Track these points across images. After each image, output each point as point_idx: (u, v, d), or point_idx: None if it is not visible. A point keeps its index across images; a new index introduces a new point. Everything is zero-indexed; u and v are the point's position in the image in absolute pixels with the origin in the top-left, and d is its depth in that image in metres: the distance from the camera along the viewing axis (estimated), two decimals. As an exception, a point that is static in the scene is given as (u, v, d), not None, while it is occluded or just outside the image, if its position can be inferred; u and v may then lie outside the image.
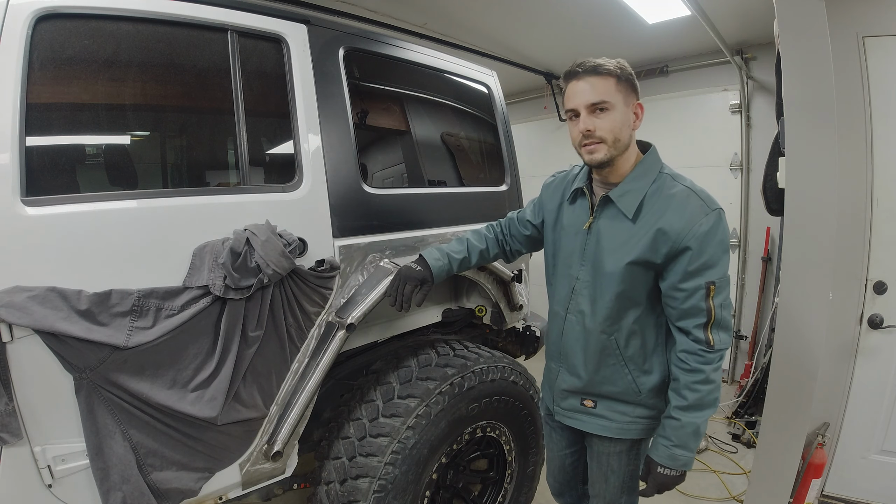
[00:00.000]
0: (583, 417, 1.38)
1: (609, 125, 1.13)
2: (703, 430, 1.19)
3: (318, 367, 1.47)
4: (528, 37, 3.57)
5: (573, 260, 1.30)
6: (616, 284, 1.20)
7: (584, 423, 1.38)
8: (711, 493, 2.56)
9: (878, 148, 2.00)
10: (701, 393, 1.15)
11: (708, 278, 1.11)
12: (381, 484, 1.49)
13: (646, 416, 1.31)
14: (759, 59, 3.65)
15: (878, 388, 2.08)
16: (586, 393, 1.34)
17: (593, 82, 1.12)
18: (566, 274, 1.33)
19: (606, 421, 1.33)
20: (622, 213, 1.19)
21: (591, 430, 1.36)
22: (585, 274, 1.27)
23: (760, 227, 3.80)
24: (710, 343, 1.14)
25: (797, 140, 1.66)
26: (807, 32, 1.59)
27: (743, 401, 3.29)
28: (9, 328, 1.03)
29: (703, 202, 1.13)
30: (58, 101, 1.17)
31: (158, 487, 1.23)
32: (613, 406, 1.32)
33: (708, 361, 1.15)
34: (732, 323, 1.20)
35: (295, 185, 1.46)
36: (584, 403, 1.36)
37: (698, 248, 1.10)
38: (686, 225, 1.11)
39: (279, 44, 1.48)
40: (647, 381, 1.28)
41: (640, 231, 1.16)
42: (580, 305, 1.29)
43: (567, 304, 1.32)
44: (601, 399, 1.33)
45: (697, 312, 1.14)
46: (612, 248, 1.20)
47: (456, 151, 2.21)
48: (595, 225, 1.25)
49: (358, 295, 1.55)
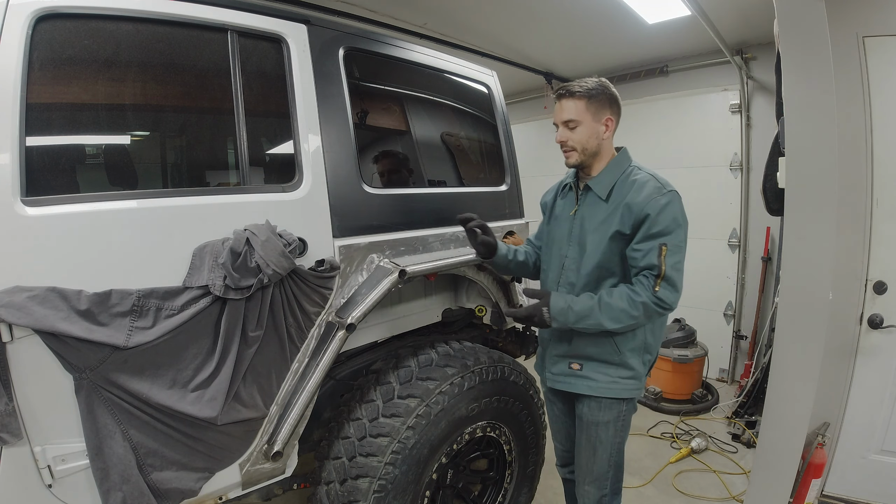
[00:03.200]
0: (570, 380, 1.59)
1: (578, 137, 1.48)
2: (585, 325, 1.45)
3: (318, 367, 1.47)
4: (528, 37, 3.57)
5: (563, 242, 1.59)
6: (596, 256, 1.49)
7: (572, 385, 1.58)
8: (711, 493, 2.56)
9: (878, 148, 2.00)
10: (619, 305, 1.41)
11: (661, 241, 1.38)
12: (381, 484, 1.49)
13: (627, 377, 1.52)
14: (759, 59, 3.65)
15: (878, 388, 2.08)
16: (573, 356, 1.57)
17: (568, 104, 1.47)
18: (557, 254, 1.60)
19: (591, 381, 1.54)
20: (598, 196, 1.50)
21: (579, 391, 1.56)
22: (573, 252, 1.55)
23: (760, 227, 3.80)
24: (655, 288, 1.39)
25: (797, 140, 1.66)
26: (807, 32, 1.59)
27: (743, 401, 3.29)
28: (9, 328, 1.03)
29: (661, 185, 1.43)
30: (58, 101, 1.17)
31: (158, 487, 1.23)
32: (597, 367, 1.53)
33: (645, 298, 1.39)
34: (680, 287, 1.41)
35: (295, 185, 1.46)
36: (571, 366, 1.58)
37: (655, 215, 1.38)
38: (645, 199, 1.40)
39: (279, 44, 1.48)
40: (626, 342, 1.50)
41: (612, 209, 1.46)
42: (569, 278, 1.56)
43: (559, 278, 1.59)
44: (586, 361, 1.55)
45: (651, 267, 1.40)
46: (594, 228, 1.50)
47: (456, 151, 2.21)
48: (579, 211, 1.56)
49: (358, 295, 1.55)
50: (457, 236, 1.90)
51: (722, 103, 3.85)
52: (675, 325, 3.72)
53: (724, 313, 4.04)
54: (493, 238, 1.66)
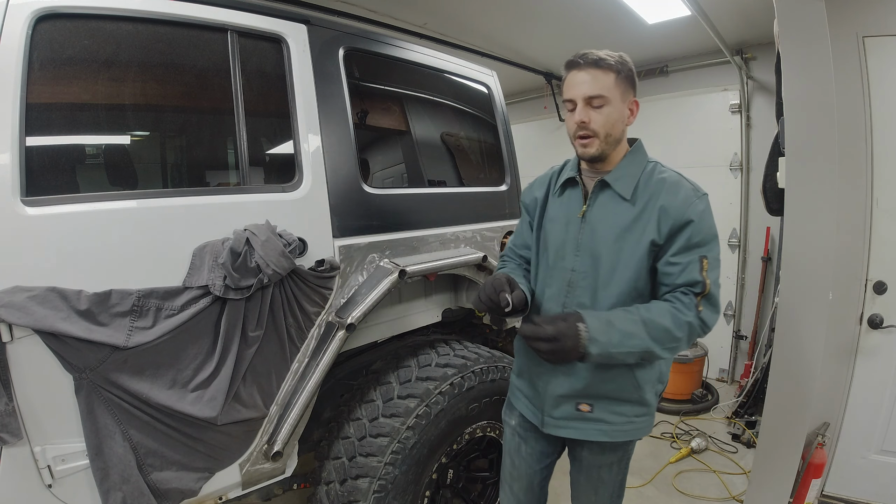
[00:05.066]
0: (578, 424, 1.27)
1: (603, 119, 1.14)
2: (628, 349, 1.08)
3: (318, 367, 1.47)
4: (528, 37, 3.57)
5: (566, 251, 1.24)
6: (628, 273, 1.17)
7: (579, 431, 1.27)
8: (711, 493, 2.56)
9: (878, 148, 2.00)
10: (662, 323, 1.09)
11: (702, 252, 1.12)
12: (380, 484, 1.49)
13: (642, 415, 1.27)
14: (759, 59, 3.65)
15: (878, 388, 2.08)
16: (584, 395, 1.24)
17: (594, 75, 1.13)
18: (559, 267, 1.25)
19: (604, 424, 1.25)
20: (619, 195, 1.18)
21: (589, 438, 1.27)
22: (582, 264, 1.21)
23: (760, 227, 3.79)
24: (698, 308, 1.11)
25: (797, 140, 1.66)
26: (807, 32, 1.59)
27: (743, 401, 3.28)
28: (9, 328, 1.03)
29: (693, 186, 1.19)
30: (58, 101, 1.17)
31: (158, 487, 1.23)
32: (612, 407, 1.24)
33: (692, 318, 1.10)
34: (720, 310, 1.18)
35: (295, 185, 1.46)
36: (579, 408, 1.26)
37: (699, 222, 1.12)
38: (684, 202, 1.14)
39: (279, 44, 1.48)
40: (646, 375, 1.24)
41: (639, 212, 1.17)
42: (579, 298, 1.21)
43: (563, 298, 1.24)
44: (599, 400, 1.24)
45: (693, 284, 1.12)
46: (615, 235, 1.17)
47: (456, 151, 2.21)
48: (589, 213, 1.22)
49: (358, 295, 1.55)
50: (457, 236, 1.90)
51: (722, 103, 3.84)
52: (675, 325, 3.72)
53: (724, 313, 4.04)
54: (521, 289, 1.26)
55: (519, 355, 1.43)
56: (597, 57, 1.13)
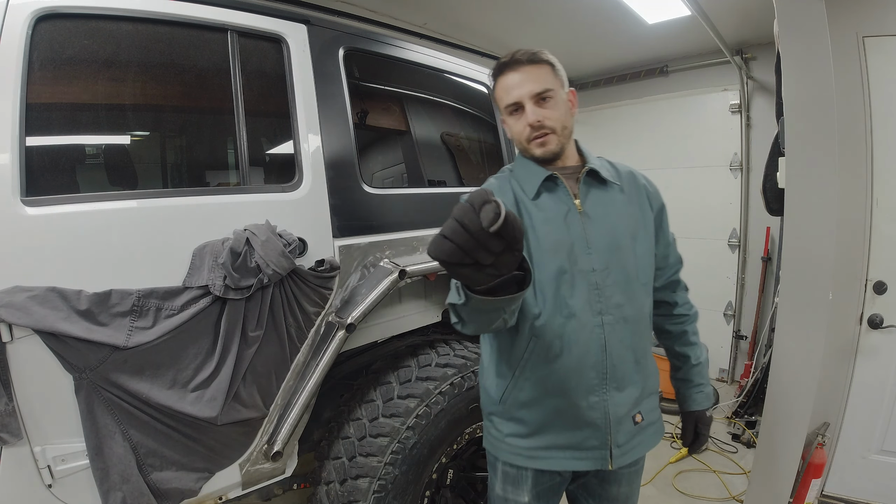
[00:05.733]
0: (640, 439, 1.15)
1: (557, 113, 1.08)
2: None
3: (318, 367, 1.47)
4: (528, 37, 3.57)
5: (576, 252, 1.07)
6: (648, 261, 1.14)
7: (642, 445, 1.16)
8: (711, 493, 2.56)
9: (878, 148, 2.00)
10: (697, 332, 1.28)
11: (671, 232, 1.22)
12: (380, 484, 1.49)
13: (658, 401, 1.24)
14: (759, 59, 3.65)
15: (878, 388, 2.08)
16: (640, 402, 1.14)
17: (534, 71, 1.07)
18: (576, 273, 1.06)
19: (654, 426, 1.19)
20: (610, 182, 1.13)
21: (649, 448, 1.18)
22: (599, 261, 1.07)
23: (760, 227, 3.79)
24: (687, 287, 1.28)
25: (797, 140, 1.66)
26: (807, 32, 1.59)
27: (743, 401, 3.28)
28: (9, 328, 1.03)
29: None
30: (58, 101, 1.17)
31: (158, 487, 1.23)
32: (651, 404, 1.18)
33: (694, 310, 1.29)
34: None
35: (295, 185, 1.46)
36: (636, 420, 1.13)
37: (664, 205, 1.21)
38: (653, 186, 1.21)
39: (279, 44, 1.48)
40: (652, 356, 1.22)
41: (633, 196, 1.16)
42: (613, 298, 1.07)
43: (597, 305, 1.06)
44: (644, 402, 1.15)
45: (679, 261, 1.25)
46: (624, 222, 1.11)
47: (456, 151, 2.21)
48: (588, 206, 1.11)
49: (358, 295, 1.55)
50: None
51: (722, 103, 3.84)
52: (675, 325, 3.73)
53: (724, 313, 4.03)
54: None
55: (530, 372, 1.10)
56: (531, 52, 1.07)
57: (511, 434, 1.14)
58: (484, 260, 0.62)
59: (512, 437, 1.14)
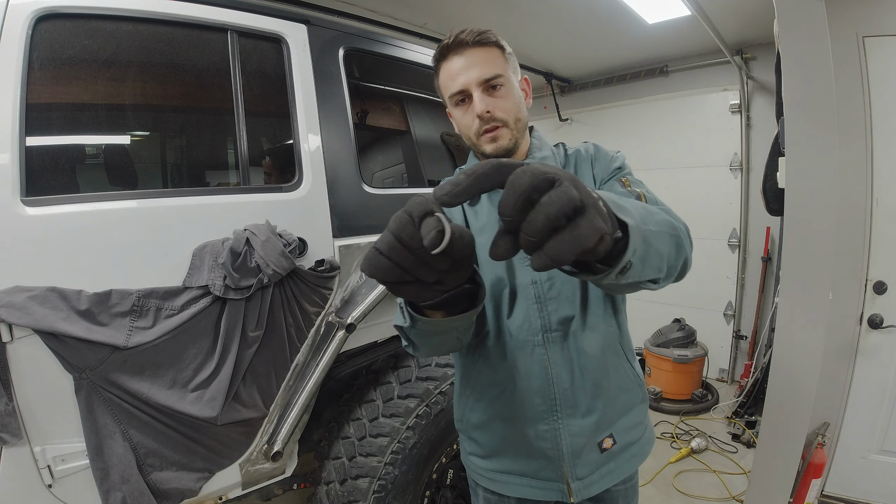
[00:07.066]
0: (611, 466, 0.98)
1: (508, 103, 0.93)
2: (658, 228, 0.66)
3: (318, 367, 1.47)
4: (528, 37, 3.57)
5: (515, 264, 0.95)
6: None
7: (613, 474, 0.98)
8: (711, 493, 2.56)
9: (878, 148, 2.00)
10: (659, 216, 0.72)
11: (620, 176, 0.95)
12: (380, 484, 1.49)
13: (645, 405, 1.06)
14: (759, 59, 3.64)
15: (878, 388, 2.08)
16: (603, 427, 0.96)
17: (482, 54, 0.90)
18: (515, 286, 0.94)
19: (634, 446, 1.00)
20: None
21: (625, 474, 1.00)
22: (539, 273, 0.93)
23: (760, 227, 3.79)
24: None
25: (797, 140, 1.66)
26: (807, 32, 1.59)
27: (743, 401, 3.28)
28: (9, 328, 1.03)
29: None
30: (58, 101, 1.17)
31: (158, 487, 1.23)
32: (627, 422, 0.99)
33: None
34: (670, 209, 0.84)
35: (295, 185, 1.46)
36: (603, 447, 0.96)
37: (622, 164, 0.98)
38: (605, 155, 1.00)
39: (279, 44, 1.48)
40: (630, 348, 1.02)
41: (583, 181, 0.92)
42: (559, 312, 0.93)
43: (537, 322, 0.93)
44: (615, 423, 0.97)
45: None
46: None
47: (456, 151, 2.21)
48: None
49: (358, 295, 1.55)
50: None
51: (722, 103, 3.84)
52: (675, 325, 3.72)
53: (723, 313, 4.03)
54: None
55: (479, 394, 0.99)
56: (478, 31, 0.91)
57: (471, 453, 1.07)
58: (427, 278, 0.52)
59: (473, 456, 1.07)
